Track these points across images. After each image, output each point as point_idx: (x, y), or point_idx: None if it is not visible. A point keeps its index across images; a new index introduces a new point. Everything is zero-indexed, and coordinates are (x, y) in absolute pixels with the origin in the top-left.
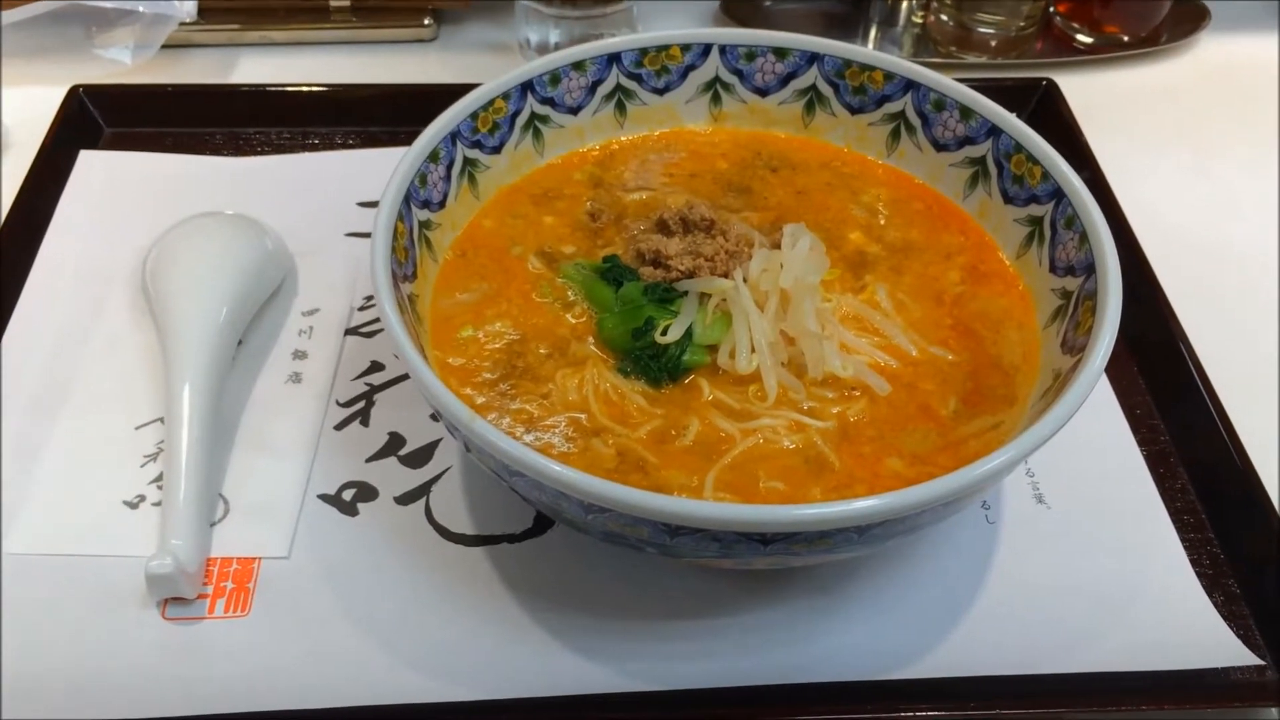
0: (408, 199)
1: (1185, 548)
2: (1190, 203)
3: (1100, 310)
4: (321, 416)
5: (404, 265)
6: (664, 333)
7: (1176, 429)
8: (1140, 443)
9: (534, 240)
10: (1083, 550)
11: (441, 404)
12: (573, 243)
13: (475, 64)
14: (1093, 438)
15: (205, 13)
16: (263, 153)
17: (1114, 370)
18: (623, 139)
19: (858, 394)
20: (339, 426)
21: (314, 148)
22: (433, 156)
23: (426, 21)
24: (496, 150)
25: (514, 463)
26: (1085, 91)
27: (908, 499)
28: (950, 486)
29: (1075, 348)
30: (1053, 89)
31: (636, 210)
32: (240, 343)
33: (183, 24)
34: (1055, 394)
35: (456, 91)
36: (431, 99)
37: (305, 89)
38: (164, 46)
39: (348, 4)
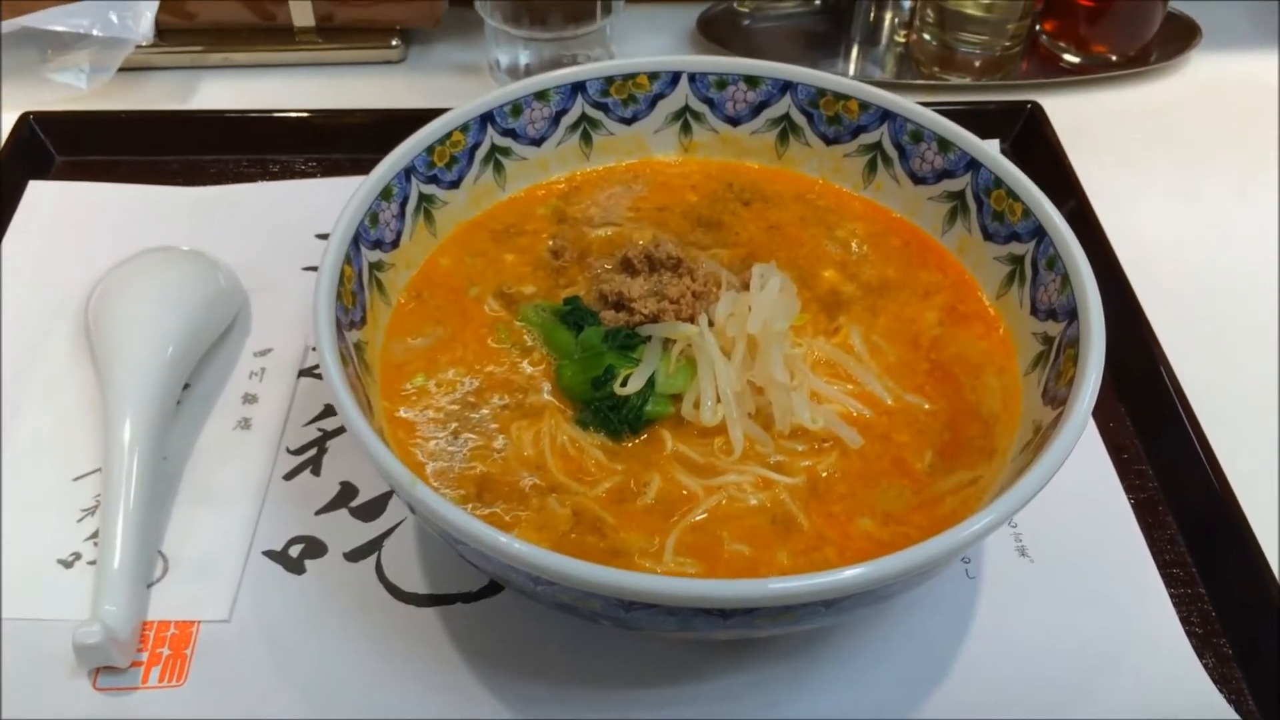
0: (356, 240)
1: (1174, 604)
2: (1181, 229)
3: (1082, 363)
4: (270, 465)
5: (351, 311)
6: (624, 383)
7: (1165, 475)
8: (1127, 490)
9: (493, 280)
10: (1067, 606)
11: (383, 468)
12: (534, 282)
13: (445, 86)
14: (1077, 484)
15: (165, 34)
16: (220, 181)
17: (1100, 412)
18: (588, 170)
19: (829, 446)
20: (289, 476)
21: (274, 176)
22: (385, 194)
23: (394, 43)
24: (455, 185)
25: (456, 531)
26: (1072, 113)
27: (878, 571)
28: (922, 556)
29: (1057, 400)
30: (1038, 112)
31: (601, 247)
32: (186, 386)
33: (141, 46)
34: (1035, 451)
35: (424, 116)
36: (398, 124)
37: (265, 114)
38: (122, 69)
39: (313, 25)
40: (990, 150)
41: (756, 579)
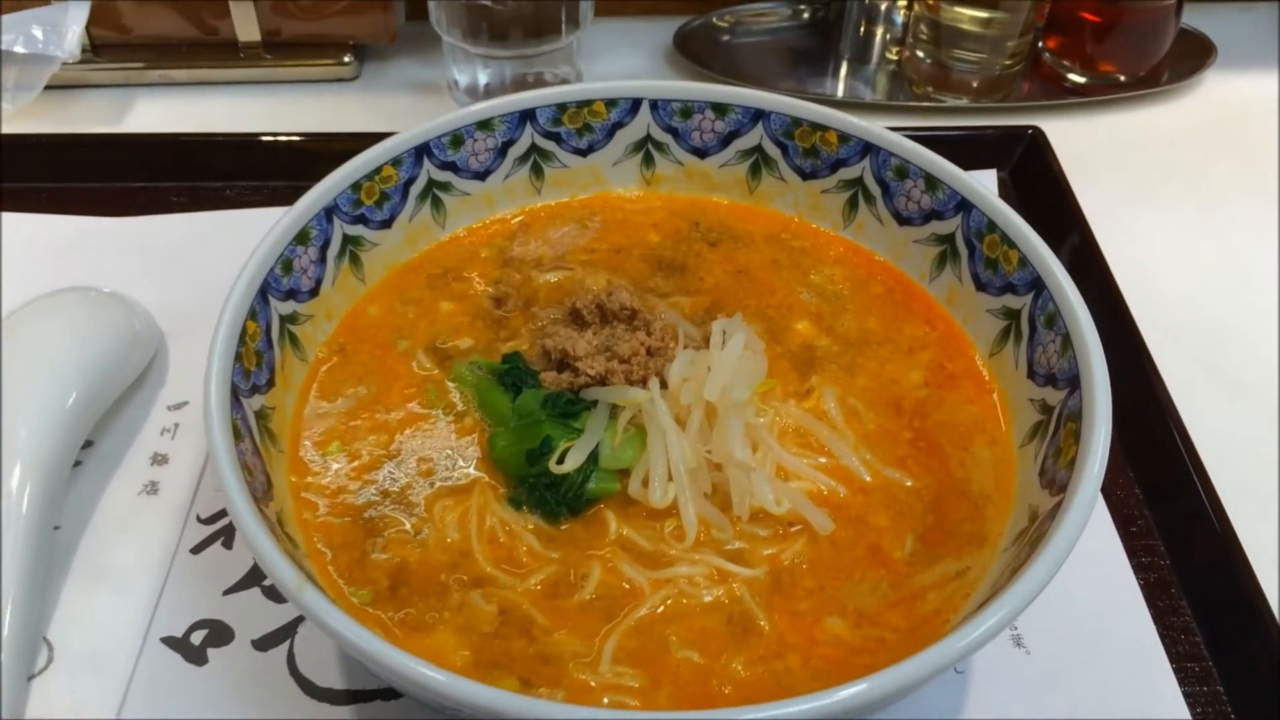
0: (264, 292)
1: (1189, 704)
2: (1196, 270)
3: (1085, 444)
4: (177, 536)
5: (254, 374)
6: (561, 459)
7: (1179, 552)
8: (1137, 569)
9: (425, 332)
10: (1068, 707)
11: (268, 567)
12: (471, 334)
13: (401, 106)
14: (1079, 561)
15: (99, 49)
16: (150, 211)
17: (1106, 478)
18: (539, 206)
19: (795, 531)
20: (197, 549)
21: (209, 205)
22: (300, 238)
23: (347, 59)
24: (386, 225)
25: (349, 647)
26: (1076, 138)
27: (847, 700)
28: (900, 679)
29: (1056, 484)
30: (1039, 139)
31: (549, 294)
32: (89, 444)
33: (70, 63)
34: (1032, 545)
35: (378, 139)
36: (348, 147)
37: (201, 138)
38: (51, 87)
39: (258, 39)
40: (983, 189)
41: (700, 711)
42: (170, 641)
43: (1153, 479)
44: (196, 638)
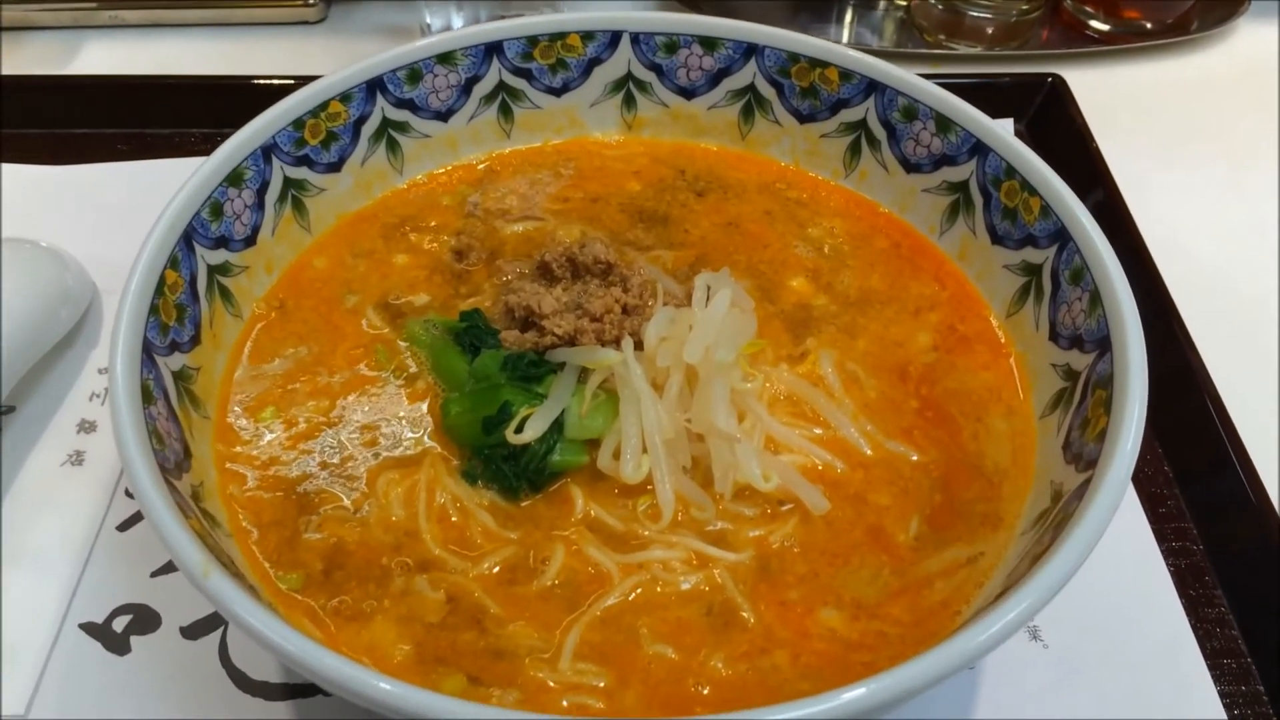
0: (189, 238)
1: (1226, 705)
2: (1226, 229)
3: (1117, 414)
4: (103, 512)
5: (175, 330)
6: (520, 428)
7: (1214, 536)
8: (1166, 555)
9: (377, 287)
10: (1090, 708)
11: (170, 546)
12: (428, 290)
13: (368, 51)
14: (1103, 546)
15: None
16: (94, 158)
17: None
18: (508, 151)
19: (786, 511)
20: (124, 526)
21: (157, 152)
22: (233, 179)
23: (311, 0)
24: (334, 168)
25: (259, 639)
26: (1099, 89)
27: (839, 706)
28: (902, 684)
29: (1083, 459)
30: (1060, 87)
31: (516, 247)
32: (9, 409)
33: (16, 3)
34: (1055, 529)
35: None
36: None
37: (150, 80)
38: None
39: None
40: (1001, 131)
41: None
42: (90, 629)
43: (1184, 455)
44: (119, 624)
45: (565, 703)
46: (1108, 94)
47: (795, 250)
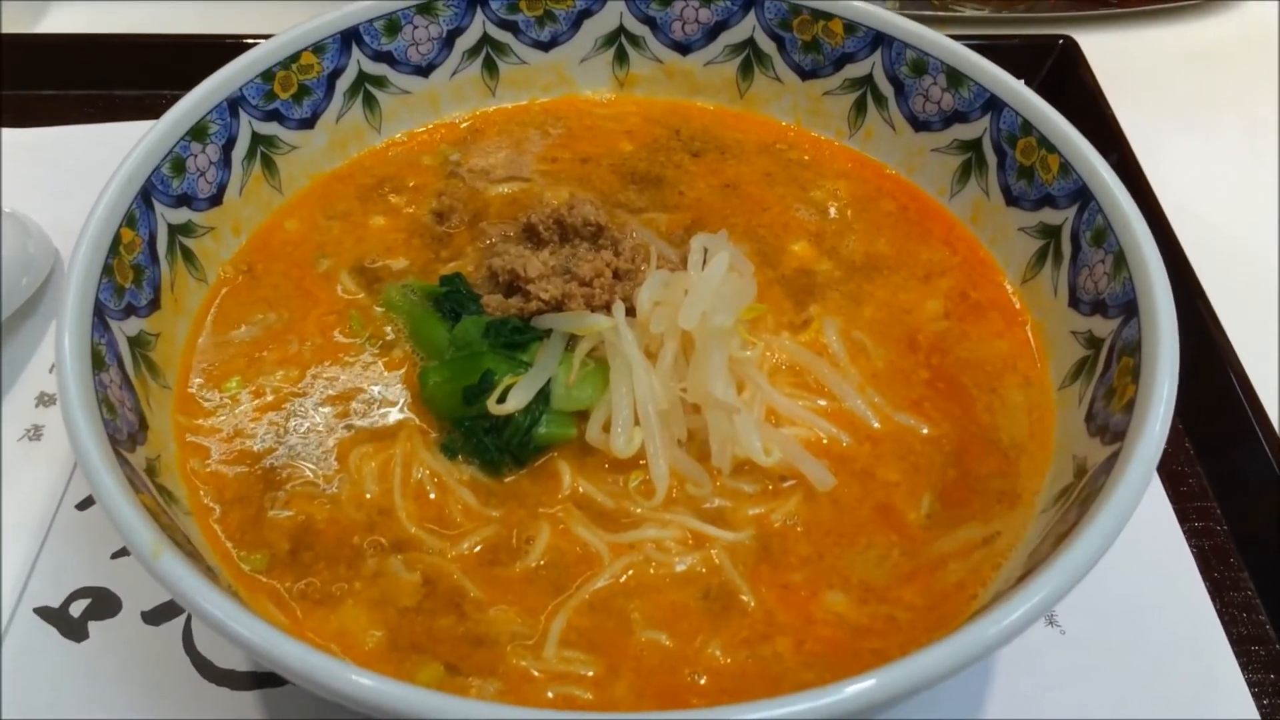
0: (147, 195)
1: (1255, 695)
2: (1244, 199)
3: (1148, 381)
4: (62, 489)
5: (131, 292)
6: (503, 398)
7: (1238, 515)
8: (1189, 535)
9: (352, 250)
10: (1108, 697)
11: (117, 523)
12: (407, 254)
13: None
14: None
15: None
16: (54, 121)
17: None
18: (492, 110)
19: (788, 488)
20: (83, 505)
21: (124, 114)
22: (196, 134)
23: None
24: (307, 124)
25: (214, 625)
26: (1112, 52)
27: (846, 699)
28: (915, 676)
29: (1109, 431)
30: (1072, 49)
31: (501, 209)
32: None
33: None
34: (1081, 505)
35: None
36: None
37: (121, 39)
38: None
39: None
40: (1017, 85)
41: (662, 713)
42: (45, 613)
43: (1205, 430)
44: (76, 608)
45: (550, 694)
46: (1117, 59)
47: (797, 213)
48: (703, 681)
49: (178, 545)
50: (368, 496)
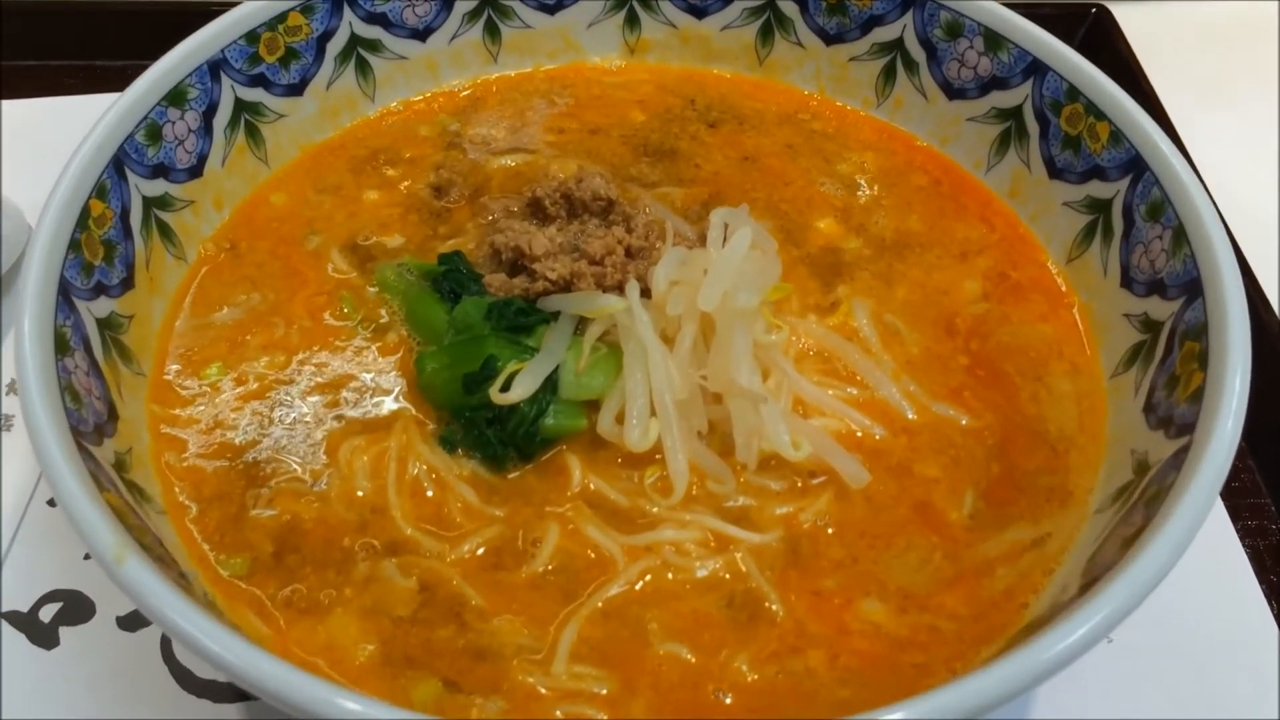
0: (119, 165)
1: None
2: (1271, 169)
3: (1218, 368)
4: (32, 486)
5: (102, 270)
6: (506, 386)
7: None
8: (1242, 534)
9: (344, 227)
10: (1159, 709)
11: (78, 524)
12: (402, 230)
13: None
14: None
15: None
16: (33, 93)
17: None
18: (494, 77)
19: (819, 485)
20: (56, 501)
21: (105, 85)
22: (174, 99)
23: None
24: (295, 91)
25: (182, 638)
26: (1148, 23)
27: None
28: (967, 701)
29: (1175, 423)
30: (1105, 18)
31: (504, 182)
32: None
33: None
34: (1148, 505)
35: None
36: None
37: (95, 6)
38: None
39: None
40: (1061, 48)
41: None
42: (13, 618)
43: (1258, 422)
44: (47, 613)
45: (560, 713)
46: (1157, 27)
47: (821, 188)
48: (728, 700)
49: (146, 549)
50: (359, 494)
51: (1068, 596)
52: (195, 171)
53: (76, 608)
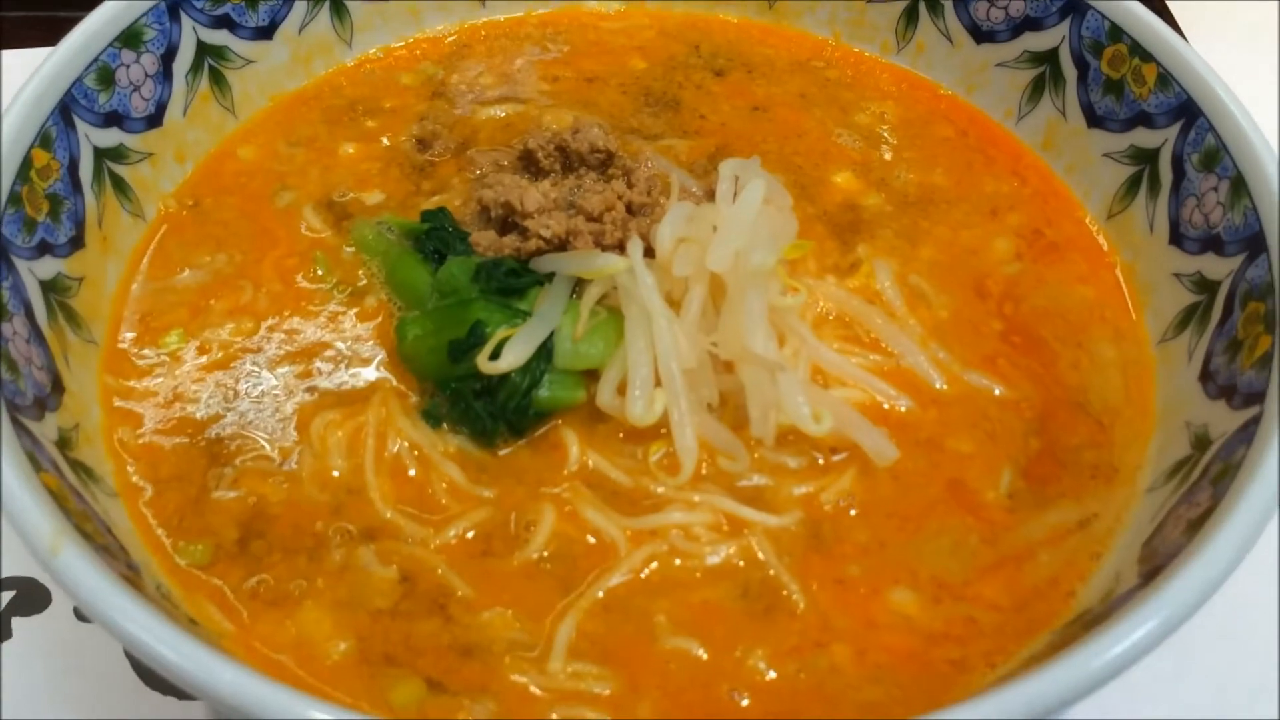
0: (66, 111)
1: None
2: None
3: None
4: None
5: (46, 227)
6: (496, 354)
7: None
8: None
9: (318, 182)
10: (1206, 704)
11: (9, 511)
12: (382, 185)
13: None
14: None
15: None
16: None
17: None
18: (482, 22)
19: (841, 462)
20: None
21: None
22: (129, 39)
23: None
24: (264, 34)
25: (125, 639)
26: None
27: None
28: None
29: (1239, 392)
30: None
31: (492, 134)
32: None
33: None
34: (1213, 485)
35: None
36: None
37: None
38: None
39: None
40: None
41: None
42: None
43: None
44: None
45: (556, 716)
46: None
47: (838, 140)
48: (744, 702)
49: (88, 537)
50: (334, 474)
51: (1126, 586)
52: (154, 121)
53: (32, 596)
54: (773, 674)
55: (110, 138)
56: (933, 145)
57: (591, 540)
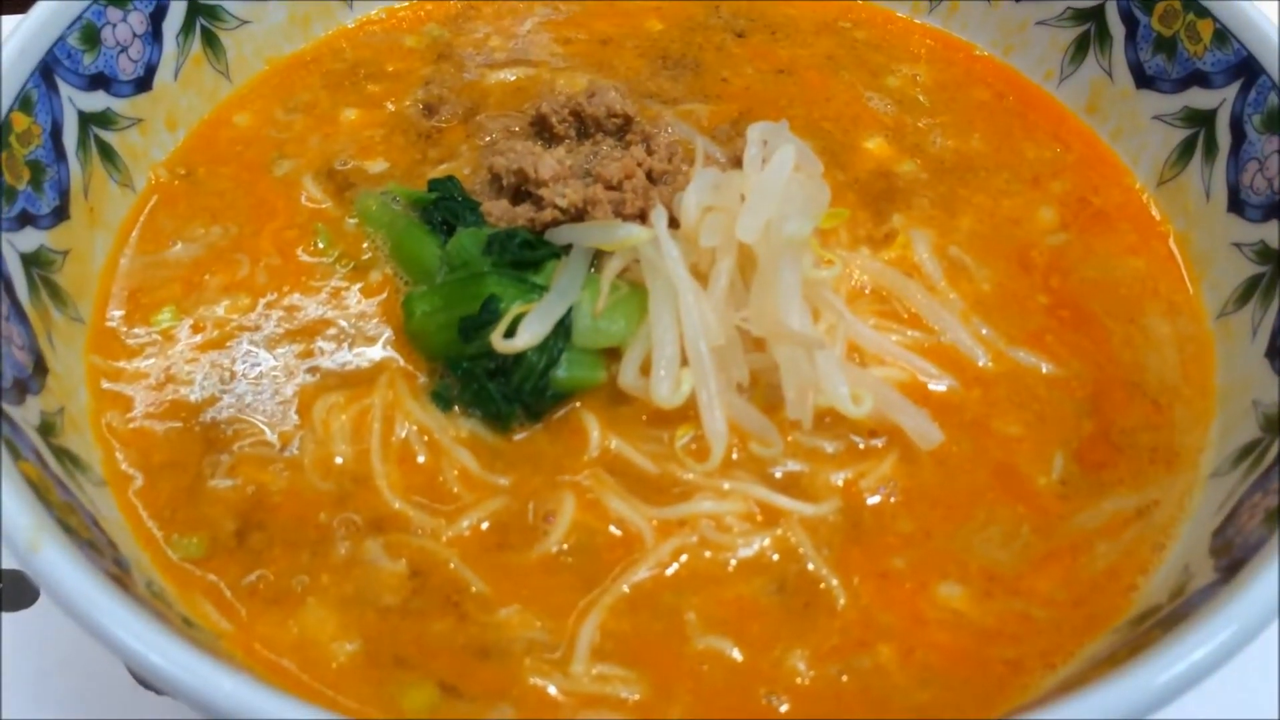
0: (48, 72)
1: None
2: None
3: None
4: None
5: (27, 196)
6: (510, 332)
7: None
8: None
9: (318, 150)
10: (1240, 704)
11: None
12: (386, 153)
13: None
14: None
15: None
16: None
17: None
18: None
19: (882, 447)
20: None
21: None
22: None
23: None
24: None
25: (108, 642)
26: None
27: None
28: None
29: None
30: None
31: (503, 99)
32: None
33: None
34: None
35: None
36: None
37: None
38: None
39: None
40: None
41: None
42: None
43: None
44: None
45: None
46: None
47: (869, 104)
48: (784, 708)
49: (72, 531)
50: (338, 461)
51: (1202, 581)
52: (143, 84)
53: (17, 590)
54: (812, 676)
55: (96, 101)
56: (969, 109)
57: (615, 531)
